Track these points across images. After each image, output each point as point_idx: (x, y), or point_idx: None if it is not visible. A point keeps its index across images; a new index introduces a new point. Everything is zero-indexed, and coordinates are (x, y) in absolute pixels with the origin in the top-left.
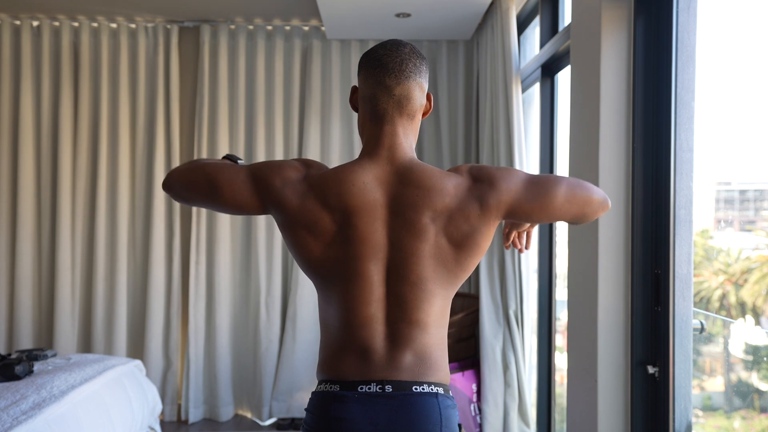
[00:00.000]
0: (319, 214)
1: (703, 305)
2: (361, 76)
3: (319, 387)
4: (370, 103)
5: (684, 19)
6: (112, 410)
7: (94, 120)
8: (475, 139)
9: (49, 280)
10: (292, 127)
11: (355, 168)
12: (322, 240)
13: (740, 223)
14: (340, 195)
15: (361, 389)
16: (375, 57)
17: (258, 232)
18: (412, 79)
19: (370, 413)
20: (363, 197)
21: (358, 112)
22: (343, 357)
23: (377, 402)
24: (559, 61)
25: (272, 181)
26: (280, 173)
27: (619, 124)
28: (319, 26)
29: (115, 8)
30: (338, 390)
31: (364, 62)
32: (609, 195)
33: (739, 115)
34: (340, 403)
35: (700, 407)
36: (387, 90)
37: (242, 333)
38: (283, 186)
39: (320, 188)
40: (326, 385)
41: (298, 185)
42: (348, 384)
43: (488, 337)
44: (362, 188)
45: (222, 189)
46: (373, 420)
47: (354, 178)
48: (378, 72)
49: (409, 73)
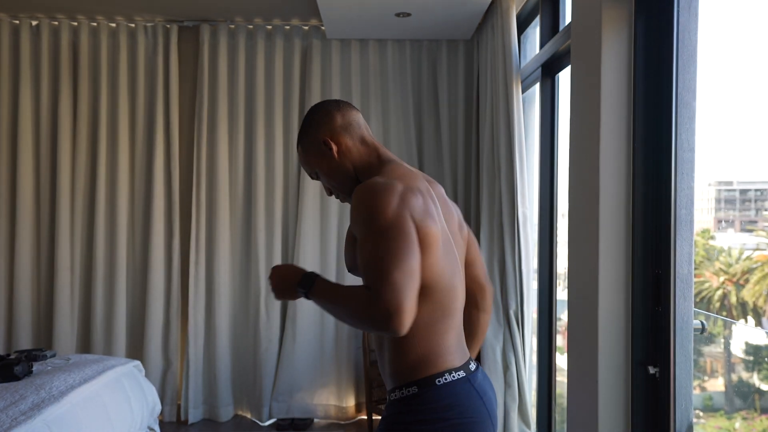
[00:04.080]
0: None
1: (704, 305)
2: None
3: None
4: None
5: (685, 18)
6: (112, 411)
7: (93, 120)
8: (475, 139)
9: (49, 280)
10: (292, 127)
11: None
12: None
13: (741, 223)
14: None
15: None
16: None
17: (258, 232)
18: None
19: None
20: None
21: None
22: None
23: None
24: (559, 61)
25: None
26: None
27: (620, 124)
28: (319, 26)
29: (115, 8)
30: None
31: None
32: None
33: (740, 115)
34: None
35: (700, 408)
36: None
37: (242, 333)
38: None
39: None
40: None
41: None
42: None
43: (488, 337)
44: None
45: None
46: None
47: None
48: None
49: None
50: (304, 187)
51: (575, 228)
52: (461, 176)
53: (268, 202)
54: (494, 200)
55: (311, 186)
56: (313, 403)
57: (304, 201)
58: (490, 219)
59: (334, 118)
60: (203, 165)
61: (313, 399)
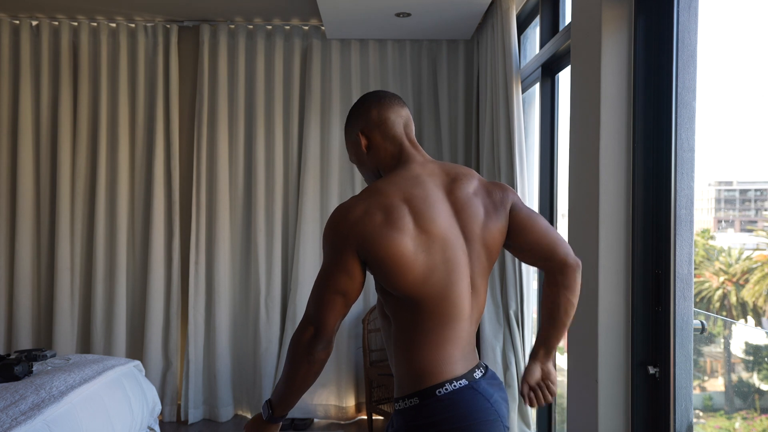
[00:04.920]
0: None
1: (704, 305)
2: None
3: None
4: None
5: (685, 18)
6: (112, 411)
7: (93, 120)
8: (475, 139)
9: (49, 280)
10: (291, 127)
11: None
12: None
13: (741, 223)
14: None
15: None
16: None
17: (258, 232)
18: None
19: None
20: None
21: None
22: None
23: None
24: (559, 61)
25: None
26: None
27: (620, 123)
28: (318, 26)
29: (115, 8)
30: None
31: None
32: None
33: (740, 115)
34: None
35: (700, 408)
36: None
37: (242, 333)
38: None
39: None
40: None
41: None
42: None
43: (488, 337)
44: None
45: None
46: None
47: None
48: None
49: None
50: (304, 187)
51: (575, 228)
52: None
53: (268, 202)
54: None
55: (311, 186)
56: (313, 403)
57: (304, 201)
58: None
59: (371, 113)
60: (203, 165)
61: (313, 399)
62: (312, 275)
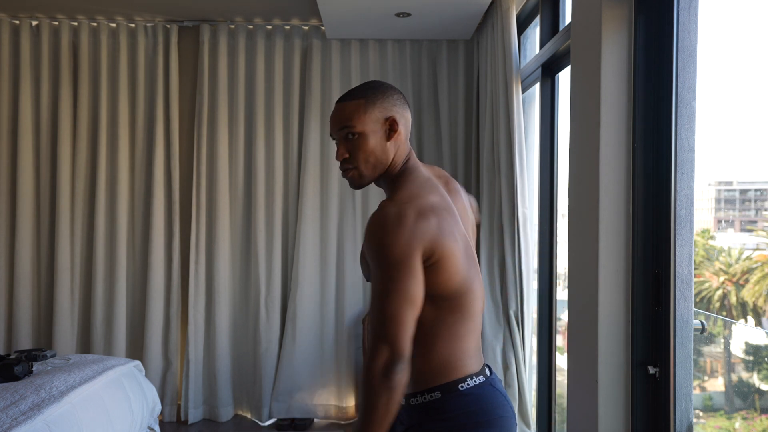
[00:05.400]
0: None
1: (704, 305)
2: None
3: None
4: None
5: (685, 18)
6: (112, 411)
7: (93, 120)
8: (475, 139)
9: (49, 280)
10: (292, 127)
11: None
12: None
13: (741, 223)
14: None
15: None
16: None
17: (258, 232)
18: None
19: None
20: None
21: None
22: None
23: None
24: (559, 61)
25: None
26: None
27: (620, 123)
28: (318, 26)
29: (115, 8)
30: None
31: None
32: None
33: (740, 114)
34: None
35: (700, 408)
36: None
37: (242, 333)
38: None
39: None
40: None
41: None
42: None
43: (488, 338)
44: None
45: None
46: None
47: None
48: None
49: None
50: (304, 187)
51: (575, 228)
52: (461, 176)
53: (268, 202)
54: (494, 200)
55: (311, 186)
56: (313, 403)
57: (304, 201)
58: (490, 219)
59: (406, 109)
60: (203, 165)
61: (313, 399)
62: (312, 275)
